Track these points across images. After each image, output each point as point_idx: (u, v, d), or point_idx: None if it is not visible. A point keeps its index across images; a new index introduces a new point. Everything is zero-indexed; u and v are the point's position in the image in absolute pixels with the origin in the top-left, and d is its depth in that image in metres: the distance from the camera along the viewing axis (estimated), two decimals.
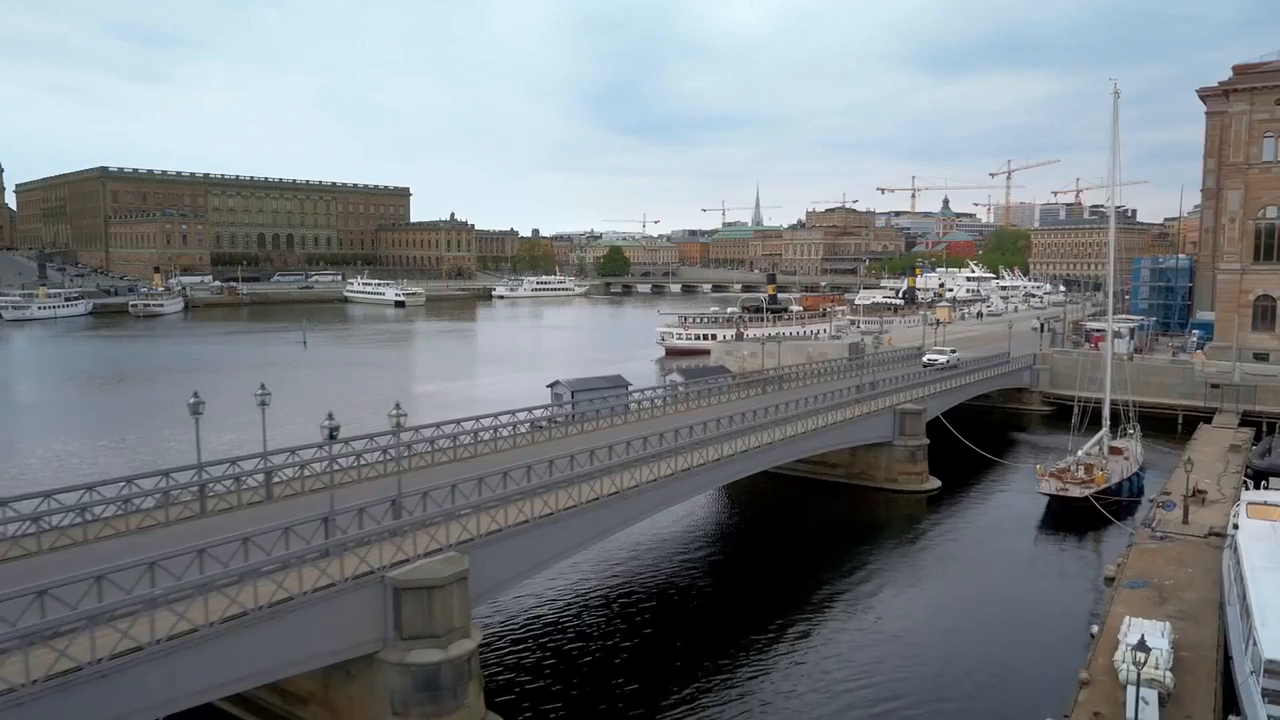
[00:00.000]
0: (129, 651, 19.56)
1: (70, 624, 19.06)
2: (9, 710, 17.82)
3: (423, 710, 24.53)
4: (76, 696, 18.55)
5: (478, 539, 27.50)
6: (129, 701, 19.70)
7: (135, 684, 19.71)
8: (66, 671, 18.40)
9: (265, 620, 22.16)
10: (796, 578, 41.89)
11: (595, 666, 31.96)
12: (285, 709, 26.97)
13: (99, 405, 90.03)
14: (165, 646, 20.11)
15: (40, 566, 24.78)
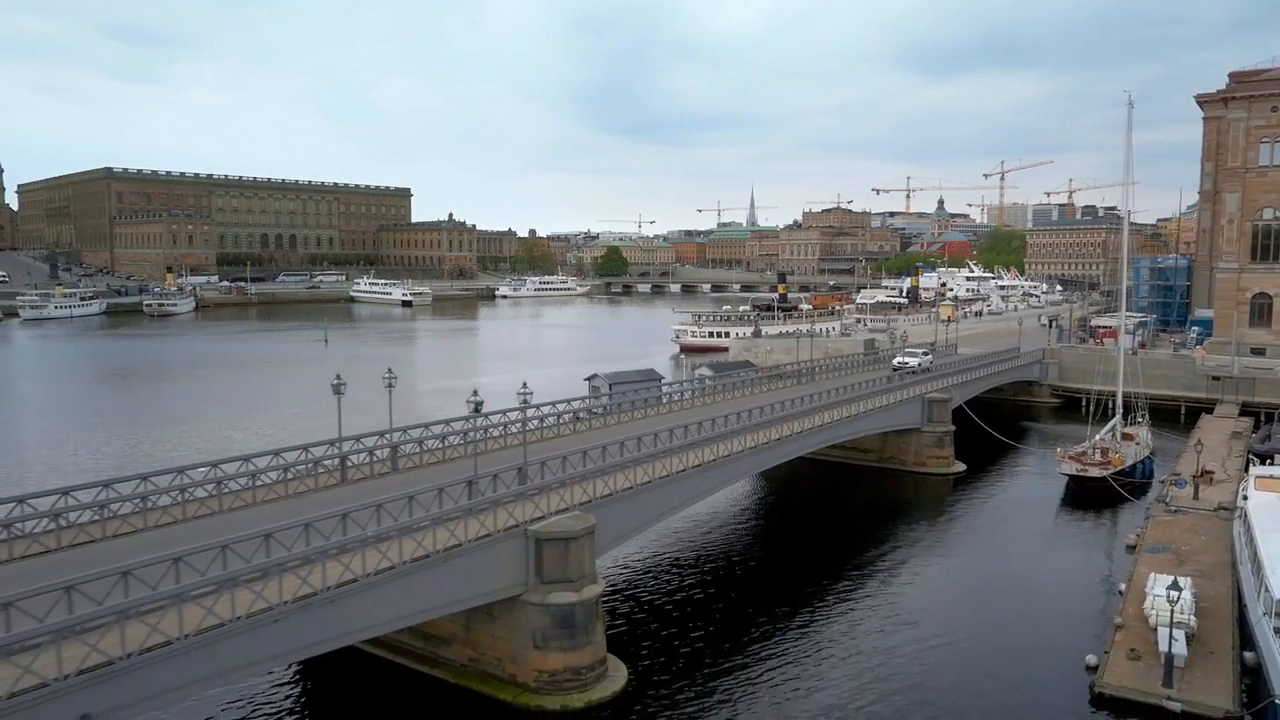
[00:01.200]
0: (346, 583, 23.58)
1: (295, 561, 23.09)
2: (265, 626, 21.76)
3: (560, 644, 28.52)
4: (278, 629, 22.40)
5: (596, 500, 31.58)
6: (349, 623, 23.78)
7: (356, 609, 23.78)
8: (274, 606, 22.37)
9: (440, 563, 26.16)
10: (837, 548, 46.26)
11: (678, 619, 36.02)
12: (428, 650, 30.88)
13: (167, 397, 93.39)
14: (374, 580, 24.15)
15: (224, 524, 28.71)
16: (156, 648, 19.62)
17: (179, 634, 19.99)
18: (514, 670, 28.98)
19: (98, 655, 18.67)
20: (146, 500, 29.50)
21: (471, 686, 29.54)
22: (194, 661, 20.42)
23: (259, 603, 21.83)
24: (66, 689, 18.02)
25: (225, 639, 20.87)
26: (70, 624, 18.52)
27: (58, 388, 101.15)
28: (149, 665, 19.49)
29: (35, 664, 17.78)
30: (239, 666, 21.97)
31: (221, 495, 30.71)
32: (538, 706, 28.24)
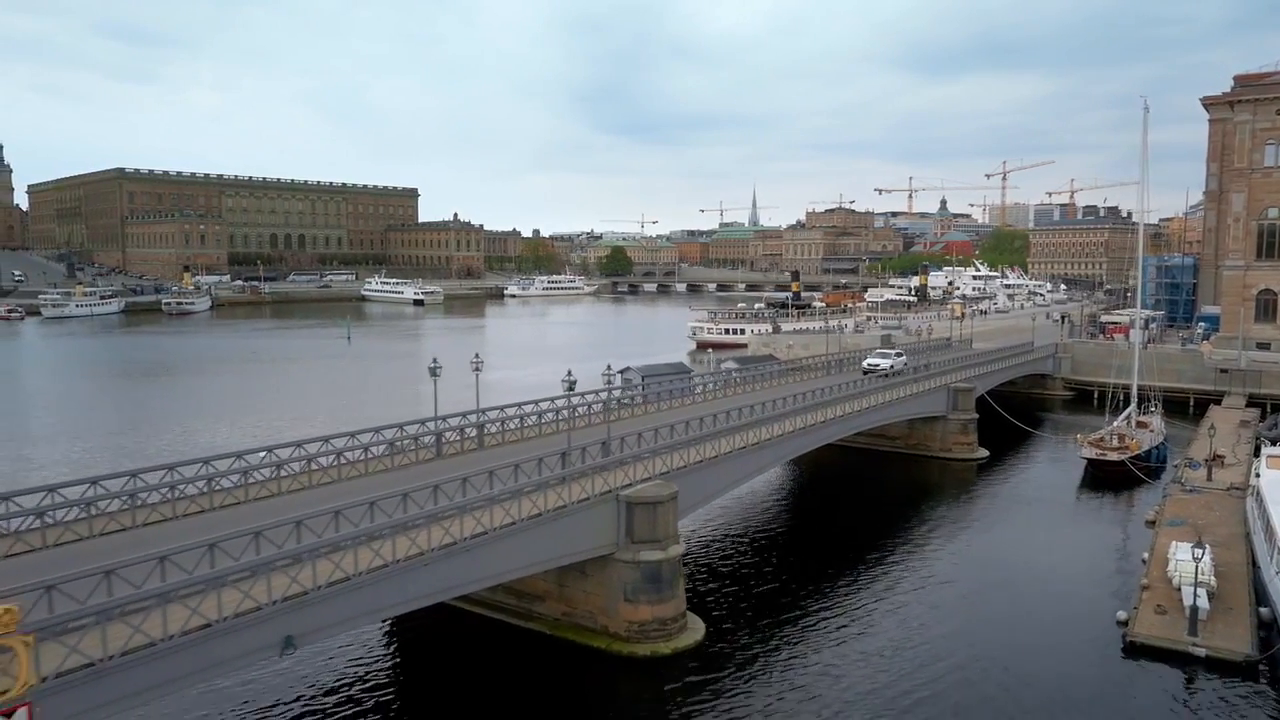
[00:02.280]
0: (479, 535, 26.88)
1: (448, 513, 26.37)
2: (416, 569, 25.00)
3: (648, 598, 31.79)
4: (429, 572, 25.63)
5: (674, 471, 34.92)
6: (482, 570, 27.15)
7: (486, 559, 27.08)
8: (426, 552, 25.63)
9: (550, 521, 29.50)
10: (873, 523, 49.70)
11: (740, 581, 39.34)
12: (522, 606, 34.13)
13: (215, 390, 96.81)
14: (501, 533, 27.48)
15: (296, 502, 31.95)
16: (339, 582, 22.89)
17: (357, 570, 23.28)
18: (606, 622, 32.24)
19: (297, 586, 21.98)
20: (246, 475, 32.67)
21: (566, 636, 32.81)
22: (375, 594, 23.80)
23: (413, 548, 25.18)
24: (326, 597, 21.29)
25: (386, 579, 24.16)
26: (305, 548, 21.76)
27: (102, 382, 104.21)
28: (340, 595, 22.77)
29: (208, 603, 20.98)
30: (401, 602, 25.28)
31: (340, 466, 34.08)
32: (629, 653, 31.51)
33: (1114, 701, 29.44)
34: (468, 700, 29.69)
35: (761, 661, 32.03)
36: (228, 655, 20.76)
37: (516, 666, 32.08)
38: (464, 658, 32.77)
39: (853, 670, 31.43)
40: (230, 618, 20.45)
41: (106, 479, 29.01)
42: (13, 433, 71.31)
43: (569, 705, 29.48)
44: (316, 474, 33.71)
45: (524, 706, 29.24)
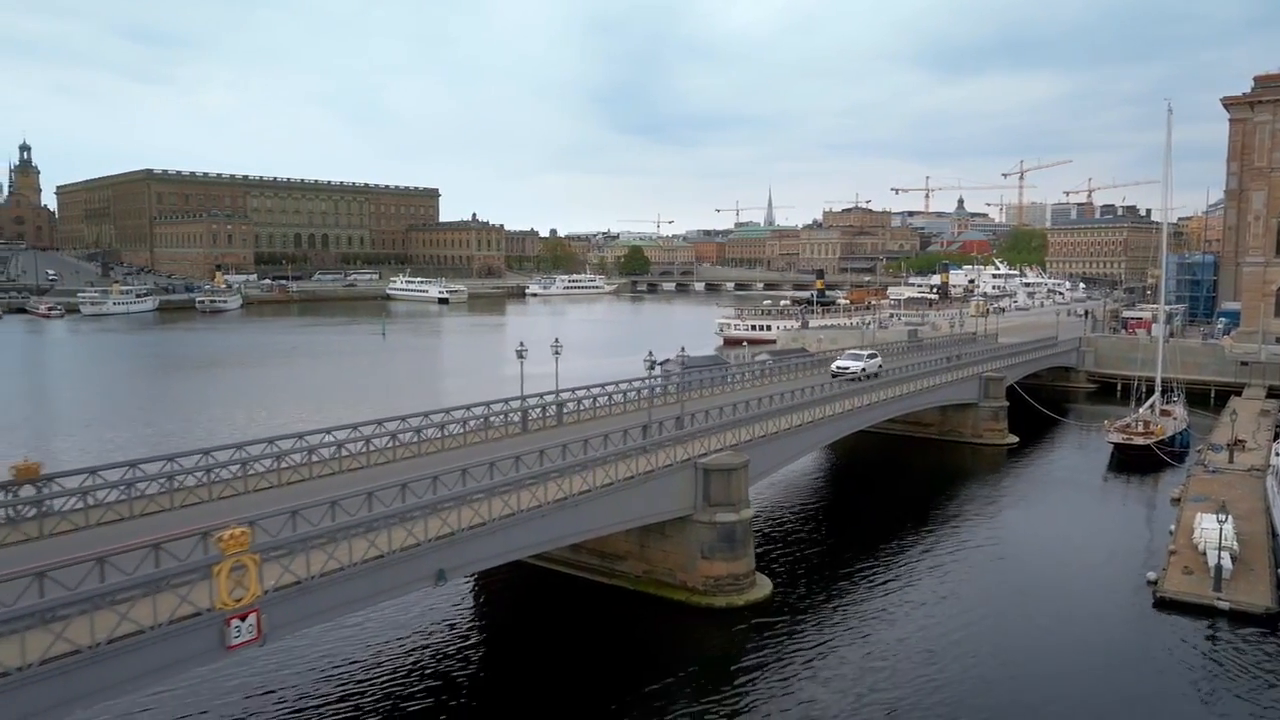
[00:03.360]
0: (583, 492, 30.50)
1: (554, 473, 29.92)
2: (535, 519, 28.57)
3: (723, 555, 35.32)
4: (543, 523, 29.15)
5: (741, 444, 38.41)
6: (581, 524, 30.71)
7: (585, 514, 30.69)
8: (542, 504, 29.18)
9: (637, 485, 33.06)
10: (913, 500, 53.01)
11: (798, 546, 42.79)
12: (604, 566, 37.69)
13: (287, 379, 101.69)
14: (599, 492, 31.12)
15: (432, 462, 35.55)
16: (477, 526, 26.50)
17: (490, 516, 26.88)
18: (684, 577, 35.78)
19: (446, 528, 25.58)
20: (342, 447, 36.12)
21: (647, 591, 36.37)
22: (507, 538, 27.42)
23: (533, 501, 28.76)
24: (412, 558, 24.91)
25: (515, 525, 27.76)
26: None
27: (158, 375, 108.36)
28: (478, 537, 26.37)
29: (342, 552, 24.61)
30: (527, 545, 29.07)
31: (444, 438, 37.83)
32: (707, 604, 35.06)
33: (1145, 647, 32.85)
34: (558, 643, 33.32)
35: (822, 612, 35.57)
36: (395, 583, 24.45)
37: (601, 615, 35.70)
38: (550, 609, 36.39)
39: (901, 619, 35.05)
40: (396, 551, 24.07)
41: (251, 444, 32.81)
42: (110, 419, 75.27)
43: (654, 647, 33.08)
44: (424, 445, 37.35)
45: (613, 647, 32.84)
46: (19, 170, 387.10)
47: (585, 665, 31.44)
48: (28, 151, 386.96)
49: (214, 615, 19.94)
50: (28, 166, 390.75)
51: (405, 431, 37.51)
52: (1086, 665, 31.16)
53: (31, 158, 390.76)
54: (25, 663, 17.07)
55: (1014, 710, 28.52)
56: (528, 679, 30.40)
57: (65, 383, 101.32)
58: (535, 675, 30.73)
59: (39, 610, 17.63)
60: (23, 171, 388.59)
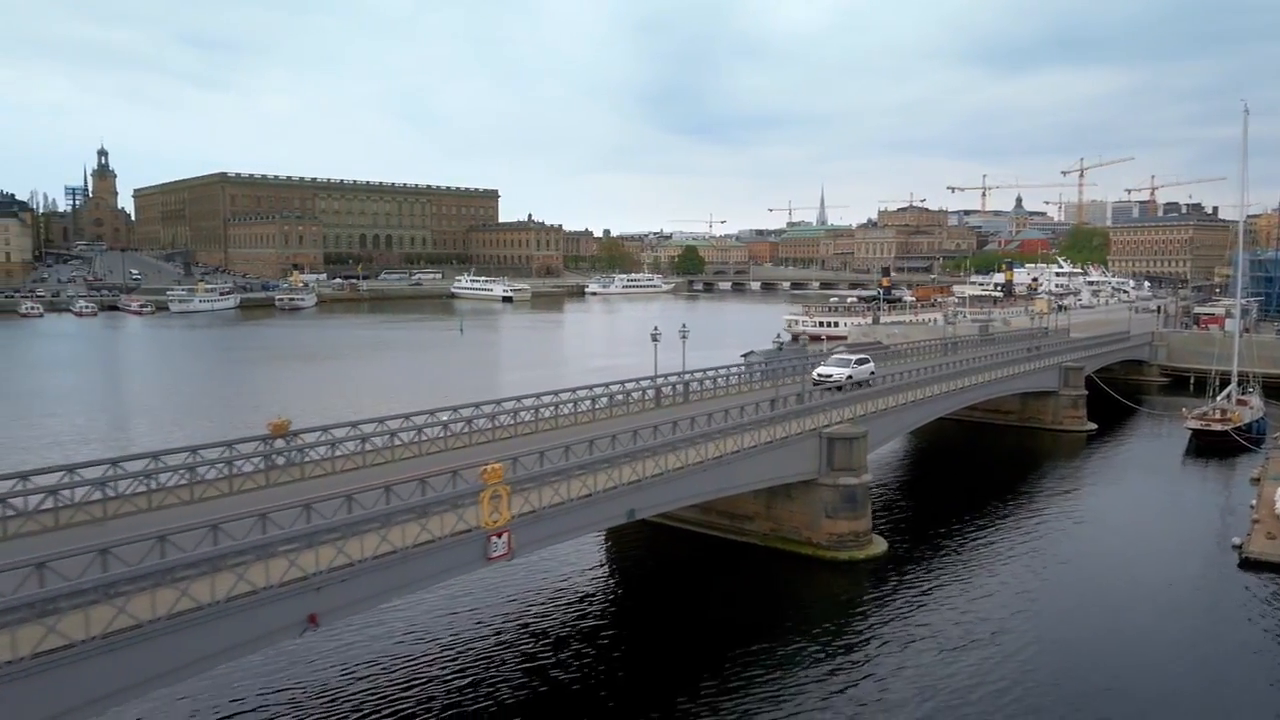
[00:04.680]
0: (731, 453, 35.07)
1: (699, 439, 34.52)
2: (690, 475, 33.19)
3: (845, 515, 39.71)
4: (690, 479, 33.70)
5: (857, 418, 42.72)
6: (722, 482, 35.29)
7: (726, 473, 35.32)
8: (686, 466, 33.73)
9: (774, 449, 37.57)
10: (1000, 480, 56.63)
11: (904, 513, 46.91)
12: (733, 526, 42.23)
13: (389, 369, 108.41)
14: (740, 454, 35.67)
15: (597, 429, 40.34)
16: (656, 477, 31.24)
17: (662, 470, 31.60)
18: (809, 534, 40.20)
19: (634, 475, 30.36)
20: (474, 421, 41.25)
21: (775, 546, 40.89)
22: (666, 489, 32.04)
23: (678, 463, 33.29)
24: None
25: (667, 481, 32.40)
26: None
27: (274, 365, 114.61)
28: (656, 485, 31.07)
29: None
30: (674, 499, 33.60)
31: (594, 410, 42.74)
32: (832, 558, 39.50)
33: (1233, 600, 36.43)
34: (693, 590, 37.97)
35: (929, 568, 39.80)
36: (599, 518, 29.73)
37: (732, 568, 40.22)
38: (683, 563, 41.03)
39: (997, 576, 39.25)
40: (601, 492, 28.93)
41: (390, 418, 37.67)
42: (258, 402, 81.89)
43: (786, 594, 37.51)
44: (562, 419, 42.24)
45: (747, 595, 37.37)
46: (97, 174, 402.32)
47: (721, 610, 35.88)
48: (105, 156, 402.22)
49: (479, 532, 24.88)
50: (105, 170, 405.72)
51: (560, 403, 42.54)
52: (1176, 616, 34.99)
53: (108, 162, 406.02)
54: (362, 556, 22.17)
55: (1109, 654, 32.18)
56: (666, 623, 34.83)
57: (191, 372, 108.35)
58: (673, 618, 35.15)
59: (377, 516, 22.89)
60: (100, 175, 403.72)
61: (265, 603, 20.16)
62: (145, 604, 18.38)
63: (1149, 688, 29.36)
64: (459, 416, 38.27)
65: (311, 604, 21.05)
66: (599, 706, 27.50)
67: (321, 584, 21.16)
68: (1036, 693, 28.48)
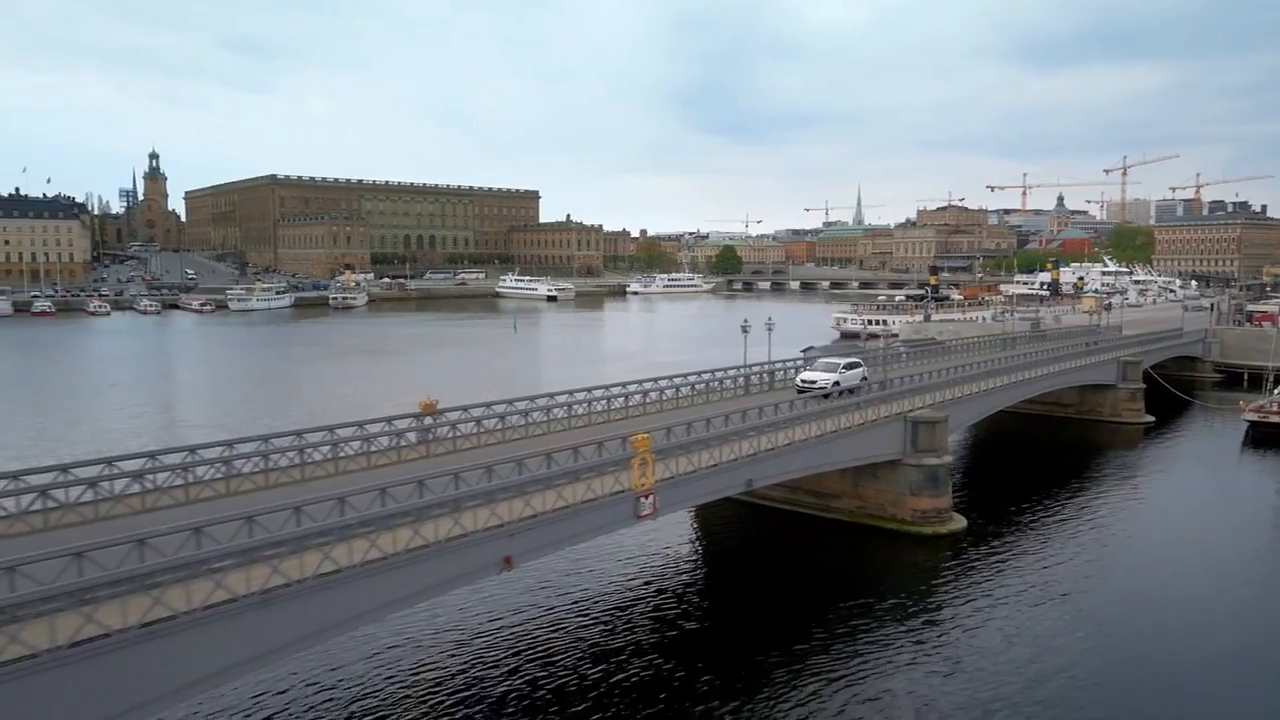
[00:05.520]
0: (829, 433, 38.32)
1: (804, 419, 37.79)
2: (776, 457, 36.46)
3: (928, 493, 42.83)
4: (781, 459, 36.95)
5: (938, 404, 45.80)
6: (817, 459, 38.54)
7: (822, 451, 38.61)
8: (777, 447, 37.01)
9: (864, 430, 40.81)
10: (1059, 469, 59.11)
11: (981, 493, 49.80)
12: (820, 503, 45.44)
13: (459, 363, 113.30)
14: (834, 434, 38.90)
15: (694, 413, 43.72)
16: (773, 450, 34.62)
17: (777, 445, 34.95)
18: (894, 511, 43.35)
19: (750, 448, 33.73)
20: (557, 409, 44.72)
21: (861, 522, 44.09)
22: (774, 463, 35.39)
23: (772, 444, 36.47)
24: None
25: (773, 458, 35.71)
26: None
27: (351, 359, 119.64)
28: (771, 458, 34.43)
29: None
30: (776, 474, 36.95)
31: (678, 398, 46.24)
32: (916, 532, 42.67)
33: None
34: (784, 563, 41.19)
35: (1006, 543, 42.82)
36: (721, 486, 33.10)
37: (821, 543, 43.45)
38: (782, 534, 44.31)
39: (1070, 545, 42.53)
40: (725, 463, 32.38)
41: (500, 402, 41.46)
42: (342, 392, 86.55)
43: (874, 566, 40.74)
44: (665, 403, 45.71)
45: (836, 567, 40.61)
46: (148, 176, 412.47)
47: (811, 578, 39.17)
48: (156, 159, 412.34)
49: (630, 493, 28.39)
50: (156, 173, 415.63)
51: (655, 390, 45.98)
52: (1234, 584, 37.71)
53: (159, 165, 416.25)
54: (544, 509, 25.79)
55: (1177, 626, 34.78)
56: (758, 590, 37.92)
57: (268, 366, 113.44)
58: (764, 586, 38.24)
59: (554, 475, 26.42)
60: (152, 177, 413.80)
61: (473, 544, 23.81)
62: (389, 541, 22.13)
63: (1204, 645, 32.21)
64: (576, 399, 41.97)
65: (506, 548, 24.66)
66: (700, 662, 29.98)
67: (514, 531, 24.76)
68: (1108, 639, 31.91)
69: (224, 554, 19.51)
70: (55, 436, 64.17)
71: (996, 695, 27.67)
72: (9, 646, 16.04)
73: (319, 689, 27.64)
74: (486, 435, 35.92)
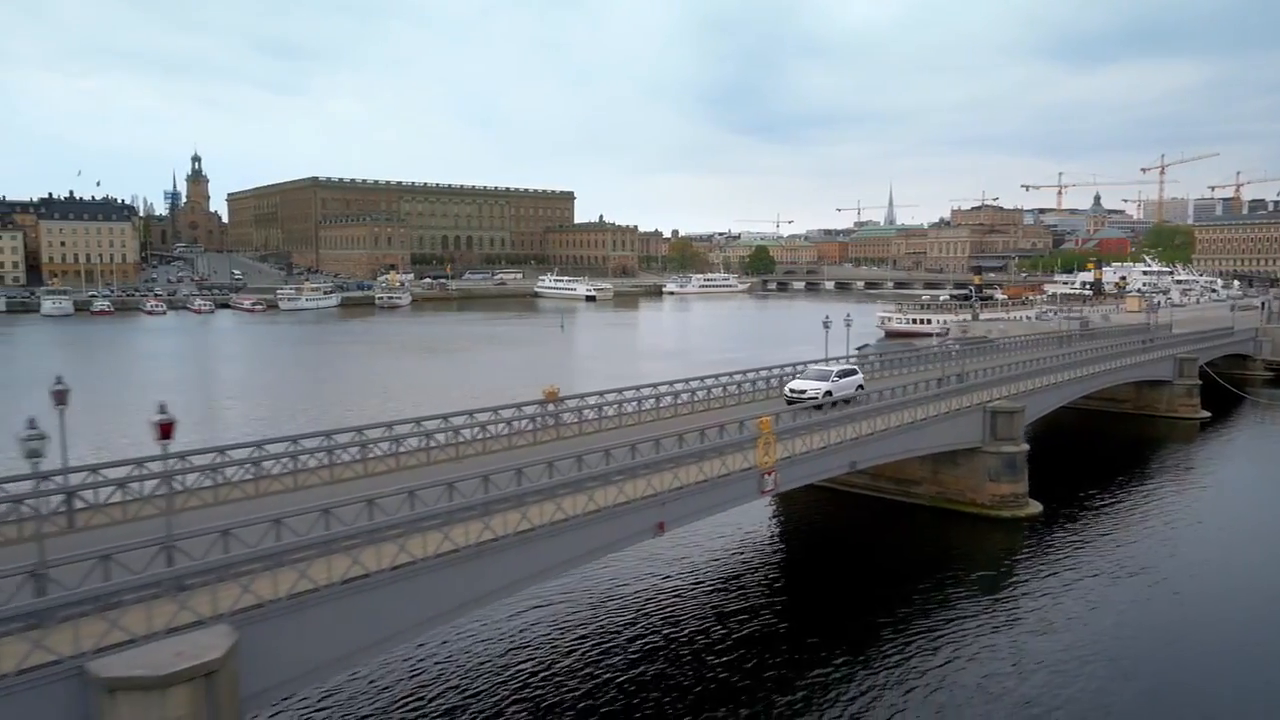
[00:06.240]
0: (918, 422, 41.08)
1: (858, 417, 40.56)
2: (864, 444, 39.25)
3: (1007, 478, 45.49)
4: (861, 448, 39.74)
5: (1013, 395, 48.36)
6: (906, 444, 41.30)
7: (909, 438, 41.31)
8: (875, 432, 39.78)
9: (946, 419, 43.52)
10: (1122, 458, 61.37)
11: (1053, 480, 52.25)
12: (900, 489, 48.13)
13: (527, 358, 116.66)
14: (920, 423, 41.68)
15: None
16: (884, 431, 37.45)
17: (867, 432, 37.79)
18: (973, 496, 45.99)
19: (854, 432, 36.61)
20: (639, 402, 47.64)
21: (941, 507, 46.77)
22: (856, 451, 38.23)
23: (867, 429, 39.28)
24: None
25: (857, 445, 38.48)
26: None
27: (415, 356, 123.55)
28: (870, 442, 37.26)
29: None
30: (869, 458, 39.70)
31: (747, 393, 49.12)
32: (995, 515, 45.33)
33: None
34: (867, 545, 44.02)
35: (1078, 528, 45.27)
36: (828, 467, 35.90)
37: (902, 526, 46.15)
38: (863, 517, 47.11)
39: (1140, 528, 45.17)
40: (831, 445, 35.27)
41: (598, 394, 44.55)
42: (424, 385, 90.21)
43: (954, 547, 43.37)
44: (757, 393, 48.67)
45: (918, 548, 43.30)
46: (191, 179, 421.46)
47: (893, 559, 41.88)
48: (198, 162, 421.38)
49: (754, 470, 31.40)
50: (199, 175, 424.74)
51: (747, 381, 49.05)
52: None
53: (202, 167, 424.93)
54: (688, 482, 28.83)
55: (1251, 591, 37.34)
56: (842, 568, 40.78)
57: (335, 363, 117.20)
58: (848, 565, 41.13)
59: (694, 453, 29.45)
60: (194, 180, 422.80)
61: (633, 511, 26.92)
62: (571, 504, 25.32)
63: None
64: (677, 389, 45.14)
65: (659, 514, 27.74)
66: (785, 637, 32.34)
67: (665, 500, 27.85)
68: (1185, 607, 34.86)
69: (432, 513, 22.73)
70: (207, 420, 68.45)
71: (1092, 652, 30.33)
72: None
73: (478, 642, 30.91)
74: (604, 420, 39.07)
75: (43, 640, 16.18)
